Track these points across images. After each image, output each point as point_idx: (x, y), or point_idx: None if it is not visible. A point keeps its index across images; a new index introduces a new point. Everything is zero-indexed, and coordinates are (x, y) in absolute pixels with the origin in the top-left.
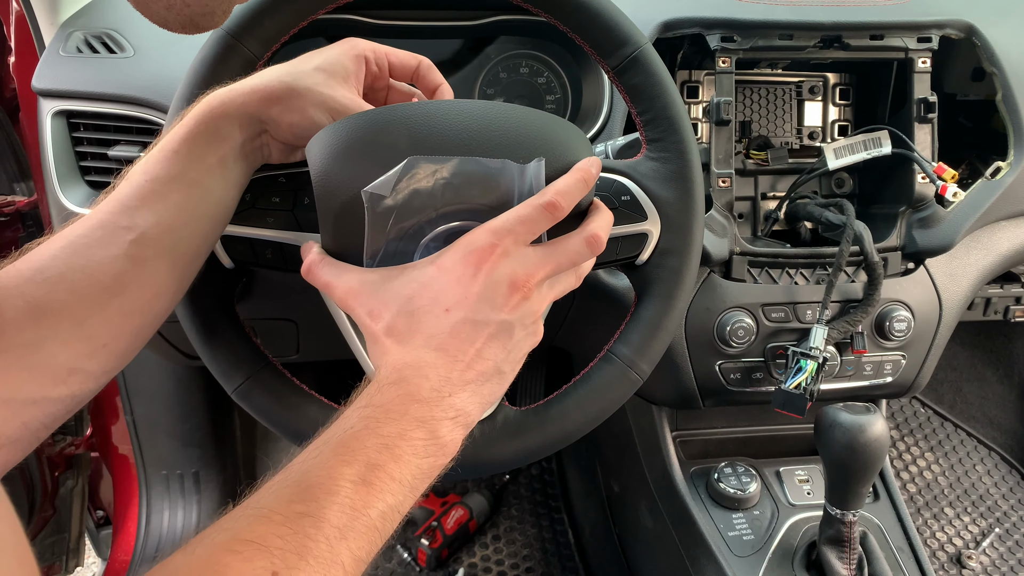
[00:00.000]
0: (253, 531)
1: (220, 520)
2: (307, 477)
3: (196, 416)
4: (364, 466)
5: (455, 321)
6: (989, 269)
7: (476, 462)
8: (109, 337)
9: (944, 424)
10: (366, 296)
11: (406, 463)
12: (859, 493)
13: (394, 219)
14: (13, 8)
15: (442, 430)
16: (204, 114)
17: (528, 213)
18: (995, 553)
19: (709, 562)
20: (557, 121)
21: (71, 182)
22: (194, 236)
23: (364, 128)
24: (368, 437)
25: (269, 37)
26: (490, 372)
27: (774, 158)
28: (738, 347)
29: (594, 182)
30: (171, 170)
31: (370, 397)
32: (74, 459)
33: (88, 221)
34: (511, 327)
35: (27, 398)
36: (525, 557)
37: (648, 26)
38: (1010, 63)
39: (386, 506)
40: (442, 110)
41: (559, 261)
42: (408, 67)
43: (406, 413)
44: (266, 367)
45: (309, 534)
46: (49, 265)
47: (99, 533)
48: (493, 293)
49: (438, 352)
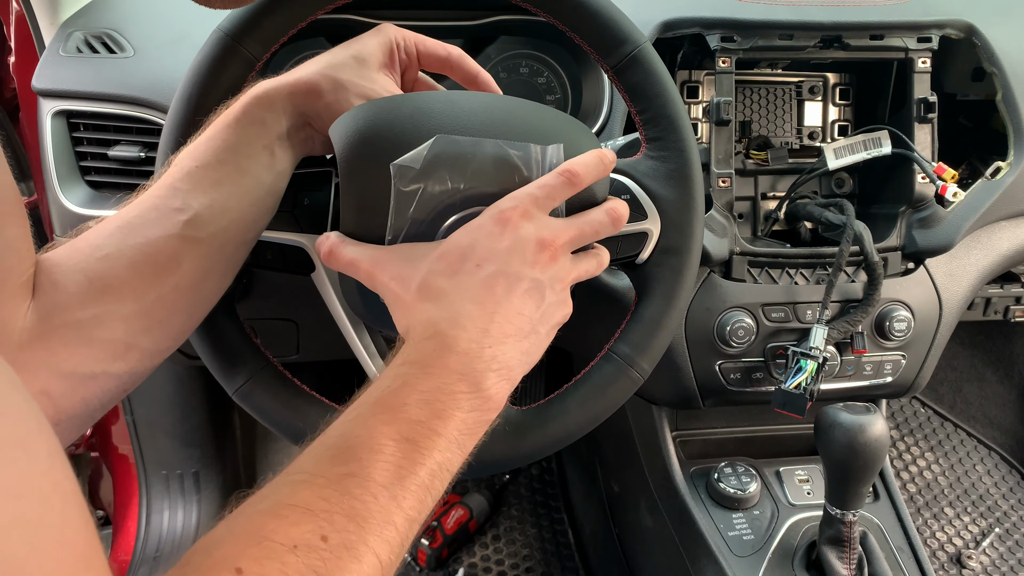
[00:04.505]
0: (296, 496)
1: (260, 491)
2: (346, 439)
3: (196, 416)
4: (405, 423)
5: (488, 274)
6: (989, 269)
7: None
8: (164, 314)
9: (944, 424)
10: (394, 264)
11: (450, 417)
12: (859, 493)
13: (419, 198)
14: (13, 8)
15: (487, 382)
16: (250, 103)
17: (548, 180)
18: (995, 553)
19: (709, 562)
20: (572, 120)
21: (71, 182)
22: (244, 220)
23: (390, 111)
24: (407, 394)
25: (268, 38)
26: (527, 329)
27: (774, 158)
28: (738, 347)
29: (611, 167)
30: (220, 156)
31: (406, 355)
32: (74, 459)
33: (141, 204)
34: (543, 286)
35: (87, 373)
36: (525, 557)
37: (648, 26)
38: (1010, 63)
39: (435, 463)
40: (465, 98)
41: (582, 229)
42: (437, 57)
43: (446, 367)
44: (266, 367)
45: (356, 495)
46: (107, 243)
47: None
48: (523, 248)
49: (475, 304)
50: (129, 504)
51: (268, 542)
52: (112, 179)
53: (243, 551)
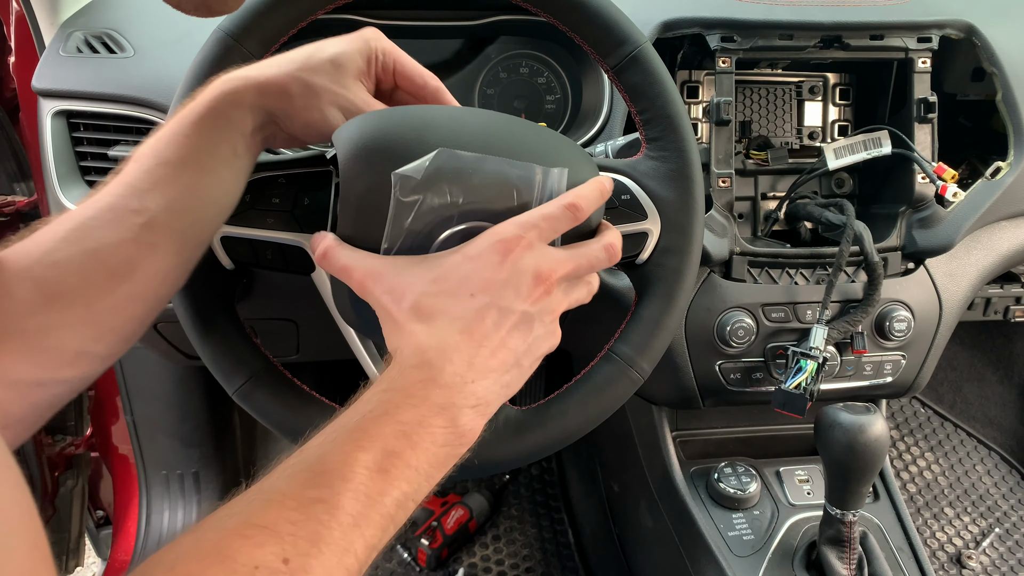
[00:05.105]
0: (265, 516)
1: (231, 502)
2: (322, 461)
3: (196, 416)
4: (381, 453)
5: (481, 305)
6: (989, 269)
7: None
8: (117, 322)
9: (944, 424)
10: (388, 277)
11: (424, 450)
12: (859, 493)
13: (417, 209)
14: (13, 8)
15: (463, 418)
16: (216, 100)
17: (552, 211)
18: (995, 553)
19: (709, 562)
20: (574, 145)
21: (71, 182)
22: (202, 222)
23: (396, 122)
24: (387, 423)
25: (268, 38)
26: (511, 363)
27: (774, 158)
28: (738, 347)
29: (608, 196)
30: (182, 154)
31: (391, 380)
32: (74, 459)
33: (97, 203)
34: (532, 320)
35: (35, 380)
36: (525, 557)
37: (648, 26)
38: (1010, 63)
39: (401, 494)
40: (470, 115)
41: (579, 263)
42: (413, 82)
43: (427, 399)
44: (266, 368)
45: (322, 520)
46: (58, 248)
47: (99, 533)
48: (519, 281)
49: (463, 335)
50: (129, 504)
51: (231, 562)
52: None
53: (205, 569)
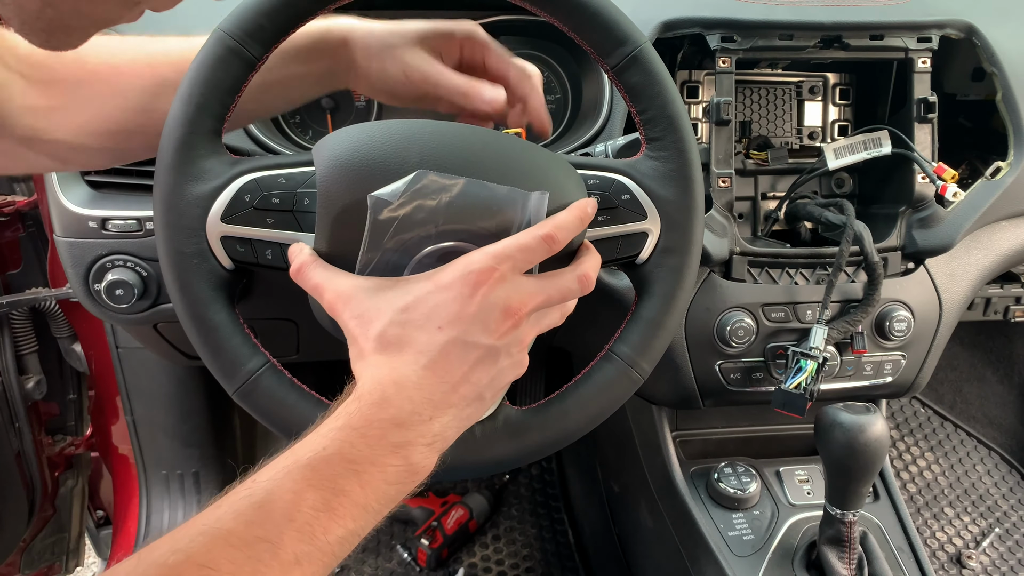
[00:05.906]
0: (207, 554)
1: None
2: (271, 497)
3: (196, 416)
4: (330, 492)
5: (447, 340)
6: (989, 269)
7: (477, 462)
8: None
9: (944, 424)
10: (357, 301)
11: (374, 489)
12: (859, 493)
13: (394, 229)
14: None
15: (415, 456)
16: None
17: (527, 242)
18: (995, 553)
19: (709, 562)
20: (560, 160)
21: (71, 182)
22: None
23: (376, 138)
24: (339, 463)
25: (268, 38)
26: (472, 397)
27: (774, 158)
28: (738, 347)
29: (589, 222)
30: None
31: (349, 416)
32: (74, 459)
33: None
34: (497, 353)
35: None
36: (525, 557)
37: (648, 26)
38: (1010, 63)
39: (346, 531)
40: (453, 131)
41: (550, 294)
42: (501, 74)
43: (382, 438)
44: (267, 368)
45: (264, 560)
46: None
47: (99, 533)
48: (487, 316)
49: (426, 371)
50: (129, 504)
51: None
52: (112, 179)
53: None
